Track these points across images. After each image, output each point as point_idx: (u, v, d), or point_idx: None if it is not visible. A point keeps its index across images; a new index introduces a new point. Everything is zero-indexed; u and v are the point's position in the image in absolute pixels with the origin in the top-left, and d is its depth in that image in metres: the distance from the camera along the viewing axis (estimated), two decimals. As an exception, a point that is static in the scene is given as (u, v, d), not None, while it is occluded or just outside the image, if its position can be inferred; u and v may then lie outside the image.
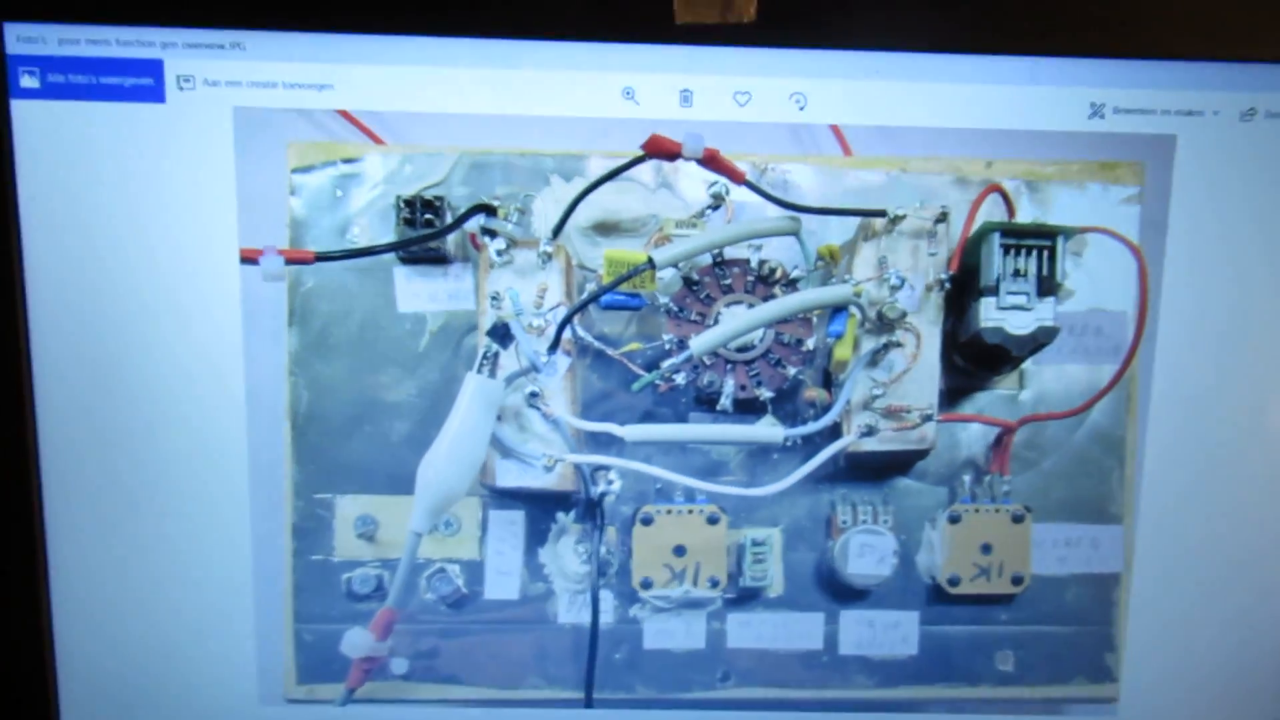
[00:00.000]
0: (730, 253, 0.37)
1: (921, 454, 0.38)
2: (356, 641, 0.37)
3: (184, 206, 0.38)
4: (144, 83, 0.37)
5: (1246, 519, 0.41)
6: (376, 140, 0.38)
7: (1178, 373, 0.39)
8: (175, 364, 0.38)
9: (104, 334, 0.38)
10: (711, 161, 0.35)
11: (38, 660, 0.40)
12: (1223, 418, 0.40)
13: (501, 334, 0.35)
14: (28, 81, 0.37)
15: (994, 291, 0.35)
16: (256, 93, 0.37)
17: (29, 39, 0.36)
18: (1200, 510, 0.40)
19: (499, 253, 0.37)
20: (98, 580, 0.40)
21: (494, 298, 0.37)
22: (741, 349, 0.37)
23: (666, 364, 0.36)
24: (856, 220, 0.38)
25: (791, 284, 0.38)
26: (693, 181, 0.39)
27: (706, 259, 0.37)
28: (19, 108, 0.37)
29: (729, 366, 0.37)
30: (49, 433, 0.39)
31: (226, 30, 0.36)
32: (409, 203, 0.37)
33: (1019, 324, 0.36)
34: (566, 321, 0.36)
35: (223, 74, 0.37)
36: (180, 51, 0.37)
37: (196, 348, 0.38)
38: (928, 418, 0.37)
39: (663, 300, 0.37)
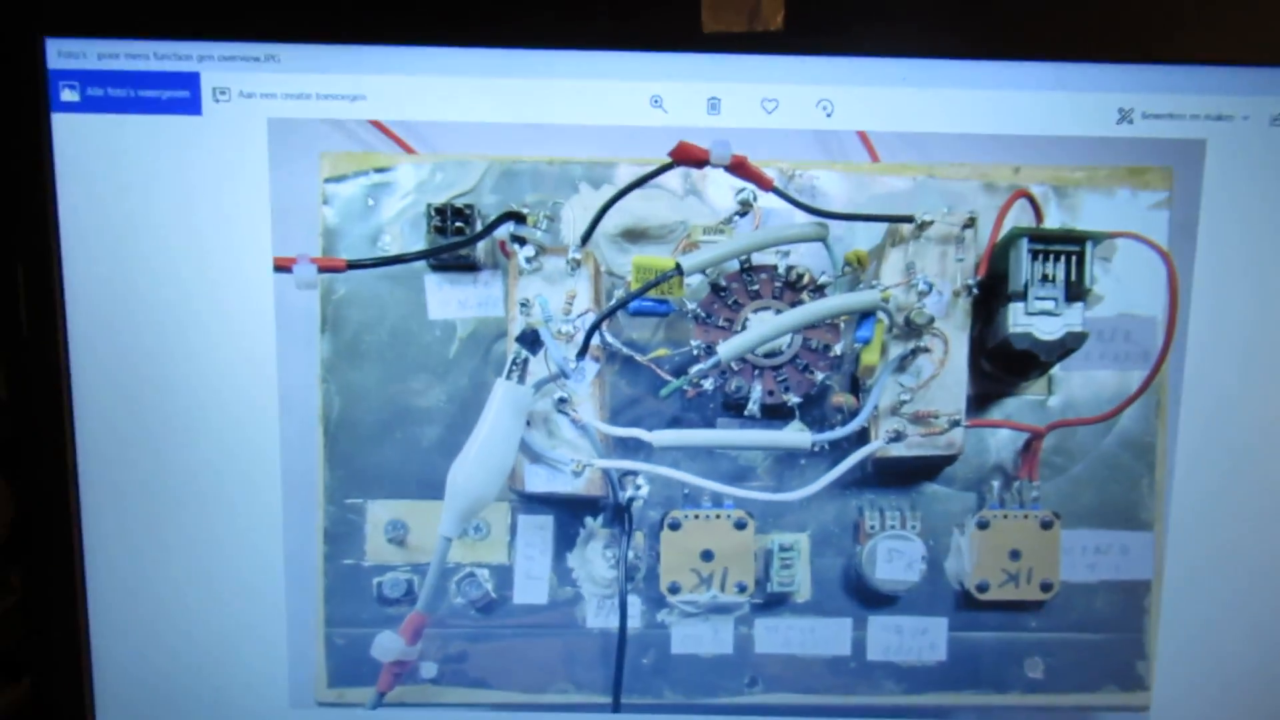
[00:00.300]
0: (758, 259, 0.37)
1: (949, 459, 0.38)
2: (387, 645, 0.37)
3: (219, 216, 0.38)
4: (181, 95, 0.38)
5: (1278, 525, 0.40)
6: (408, 149, 0.39)
7: (1207, 378, 0.39)
8: (210, 370, 0.39)
9: (140, 340, 0.39)
10: (739, 168, 0.36)
11: (74, 662, 0.41)
12: (1253, 423, 0.39)
13: (531, 340, 0.36)
14: (68, 95, 0.37)
15: (1022, 297, 0.35)
16: (290, 104, 0.38)
17: (69, 54, 0.37)
18: (1231, 516, 0.40)
19: (528, 260, 0.37)
20: (133, 583, 0.40)
21: (523, 304, 0.37)
22: (769, 354, 0.37)
23: (694, 369, 0.36)
24: (884, 226, 0.38)
25: (819, 289, 0.38)
26: (720, 188, 0.39)
27: (734, 265, 0.37)
28: (60, 120, 0.37)
29: (757, 372, 0.38)
30: (86, 439, 0.39)
31: (261, 43, 0.37)
32: (439, 211, 0.37)
33: (1047, 329, 0.35)
34: (595, 327, 0.36)
35: (258, 86, 0.37)
36: (216, 64, 0.37)
37: (231, 354, 0.39)
38: (956, 423, 0.36)
39: (690, 306, 0.37)
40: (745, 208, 0.37)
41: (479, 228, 0.37)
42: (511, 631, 0.41)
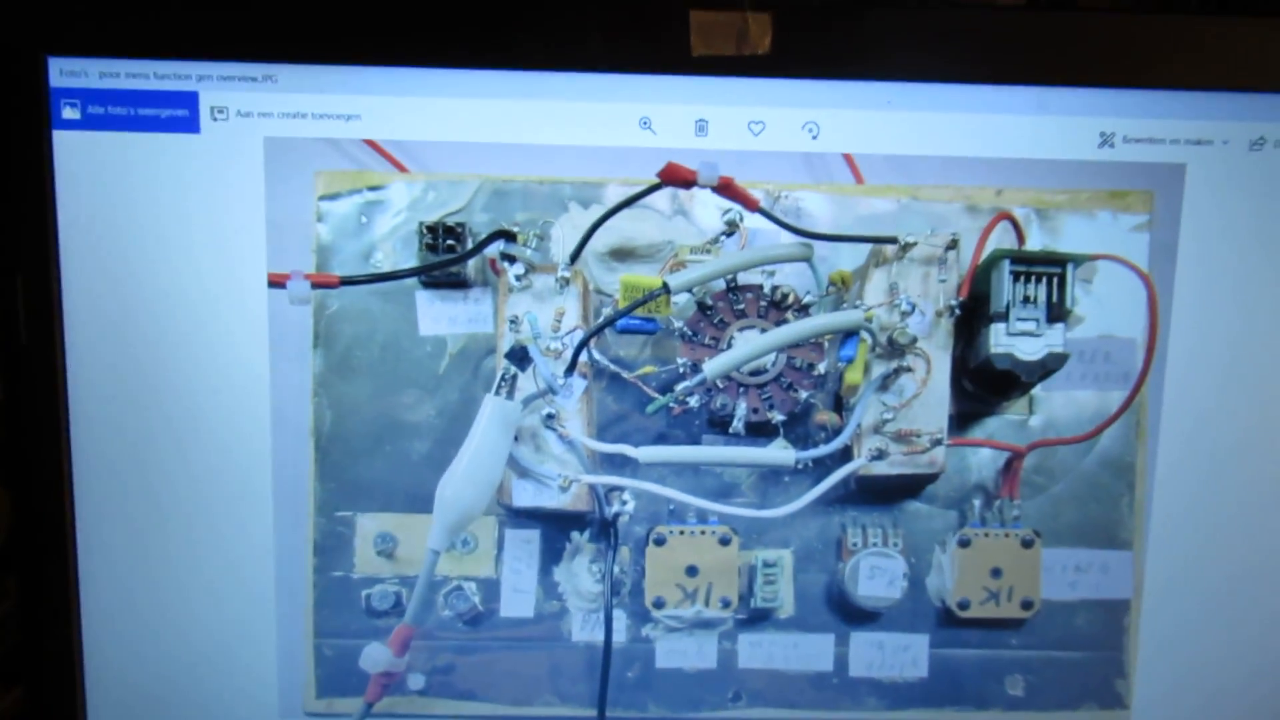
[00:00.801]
0: (744, 278, 0.38)
1: (931, 478, 0.38)
2: (375, 657, 0.37)
3: (215, 232, 0.39)
4: (180, 114, 0.38)
5: (1257, 545, 0.40)
6: (401, 168, 0.39)
7: (1187, 399, 0.40)
8: (204, 384, 0.39)
9: (137, 354, 0.39)
10: (726, 189, 0.36)
11: (67, 670, 0.41)
12: (1232, 444, 0.40)
13: (519, 357, 0.36)
14: (69, 113, 0.38)
15: (1004, 318, 0.36)
16: (287, 123, 0.38)
17: (71, 72, 0.38)
18: (1210, 536, 0.40)
19: (518, 277, 0.37)
20: (126, 594, 0.40)
21: (512, 321, 0.37)
22: (754, 373, 0.38)
23: (680, 387, 0.36)
24: (868, 247, 0.38)
25: (804, 309, 0.38)
26: (707, 209, 0.40)
27: (720, 284, 0.38)
28: (60, 138, 0.38)
29: (741, 390, 0.38)
30: (82, 446, 0.40)
31: (259, 64, 0.38)
32: (431, 229, 0.37)
33: (1029, 350, 0.36)
34: (583, 345, 0.36)
35: (255, 105, 0.38)
36: (215, 84, 0.38)
37: (225, 368, 0.39)
38: (938, 442, 0.37)
39: (677, 324, 0.38)
40: (732, 228, 0.38)
41: (470, 246, 0.38)
42: (498, 644, 0.41)
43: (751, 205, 0.37)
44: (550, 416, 0.37)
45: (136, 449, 0.40)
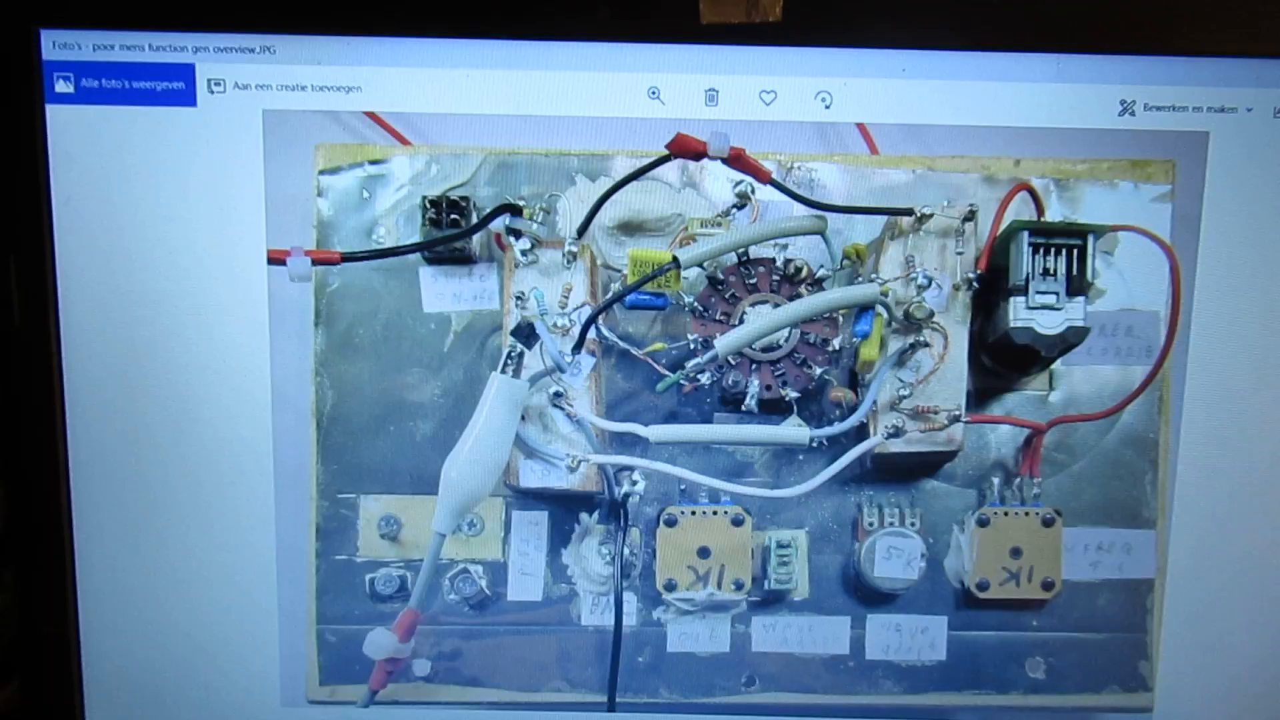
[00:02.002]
0: (756, 252, 0.37)
1: (949, 455, 0.38)
2: (379, 642, 0.36)
3: (213, 208, 0.38)
4: (176, 87, 0.37)
5: (1285, 523, 0.40)
6: (403, 141, 0.39)
7: (1211, 374, 0.39)
8: (202, 363, 0.39)
9: (133, 333, 0.39)
10: (737, 160, 0.35)
11: (65, 661, 0.40)
12: (1258, 419, 0.39)
13: (526, 334, 0.36)
14: (62, 86, 0.37)
15: (1023, 291, 0.35)
16: (285, 95, 0.38)
17: (64, 45, 0.37)
18: (1236, 514, 0.40)
19: (524, 253, 0.37)
20: (123, 580, 0.40)
21: (519, 298, 0.37)
22: (767, 349, 0.37)
23: (691, 364, 0.36)
24: (883, 219, 0.38)
25: (817, 283, 0.37)
26: (718, 181, 0.39)
27: (732, 258, 0.37)
28: (54, 112, 0.37)
29: (754, 366, 0.37)
30: (78, 432, 0.39)
31: (257, 34, 0.37)
32: (435, 203, 0.37)
33: (1048, 324, 0.35)
34: (591, 321, 0.36)
35: (253, 77, 0.37)
36: (211, 56, 0.37)
37: (224, 347, 0.39)
38: (955, 419, 0.36)
39: (688, 300, 0.37)
40: (743, 200, 0.37)
41: (474, 220, 0.37)
42: (505, 629, 0.40)
43: (763, 177, 0.36)
44: (558, 395, 0.37)
45: (134, 433, 0.39)
